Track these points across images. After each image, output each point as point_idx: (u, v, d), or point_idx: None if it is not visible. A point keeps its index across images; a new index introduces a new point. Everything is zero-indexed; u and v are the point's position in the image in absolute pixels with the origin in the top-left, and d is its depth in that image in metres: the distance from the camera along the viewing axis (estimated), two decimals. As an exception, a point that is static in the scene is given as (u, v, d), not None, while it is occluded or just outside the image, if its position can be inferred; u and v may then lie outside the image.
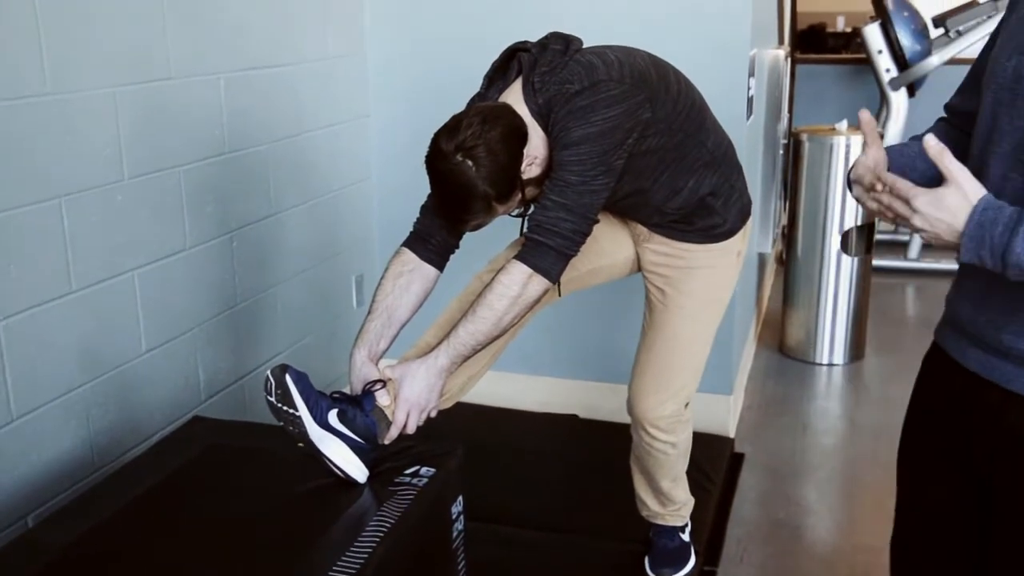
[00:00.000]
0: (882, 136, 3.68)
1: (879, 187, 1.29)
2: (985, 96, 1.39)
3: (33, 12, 1.94)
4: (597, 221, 1.86)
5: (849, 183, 1.49)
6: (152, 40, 2.28)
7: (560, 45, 1.89)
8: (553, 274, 1.81)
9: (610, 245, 2.21)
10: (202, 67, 2.46)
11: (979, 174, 1.35)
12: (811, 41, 6.79)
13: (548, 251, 1.79)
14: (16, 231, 1.94)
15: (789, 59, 4.76)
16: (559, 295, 2.10)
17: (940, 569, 1.62)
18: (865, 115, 1.53)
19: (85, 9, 2.07)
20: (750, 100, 3.10)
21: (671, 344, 2.20)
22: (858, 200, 1.50)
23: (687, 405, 2.26)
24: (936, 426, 1.57)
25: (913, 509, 1.64)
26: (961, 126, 1.51)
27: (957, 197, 1.21)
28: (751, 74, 3.07)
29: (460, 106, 1.90)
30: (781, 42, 4.47)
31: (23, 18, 1.92)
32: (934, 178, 1.35)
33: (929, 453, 1.60)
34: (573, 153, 1.80)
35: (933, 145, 1.23)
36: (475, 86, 1.99)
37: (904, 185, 1.24)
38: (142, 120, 2.26)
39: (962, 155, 1.47)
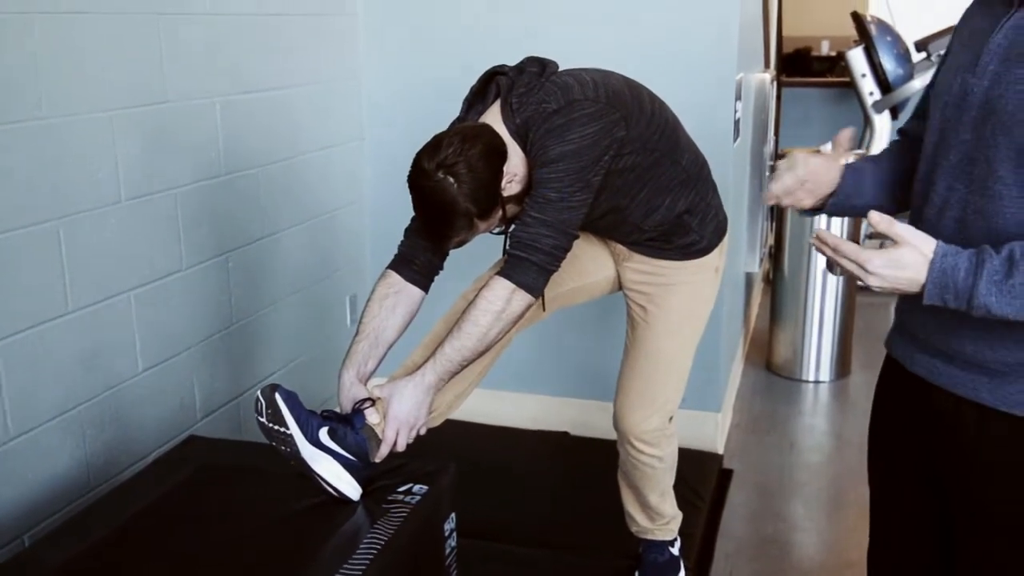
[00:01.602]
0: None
1: (825, 247, 1.32)
2: (933, 113, 1.43)
3: (31, 37, 1.95)
4: (577, 236, 1.87)
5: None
6: (149, 64, 2.29)
7: (536, 68, 1.91)
8: (536, 289, 1.82)
9: (591, 265, 2.22)
10: (199, 90, 2.47)
11: (927, 186, 1.41)
12: (796, 65, 6.83)
13: (530, 266, 1.80)
14: (13, 253, 1.95)
15: (775, 82, 4.80)
16: (544, 312, 2.11)
17: (911, 572, 1.63)
18: (847, 132, 1.60)
19: (82, 33, 2.08)
20: (737, 123, 3.12)
21: (653, 360, 2.21)
22: (773, 185, 1.60)
23: (671, 419, 2.26)
24: (892, 432, 1.61)
25: (881, 514, 1.67)
26: (911, 148, 1.55)
27: (914, 254, 1.26)
28: (738, 97, 3.09)
29: (451, 129, 1.91)
30: (767, 66, 4.50)
31: (20, 43, 1.93)
32: (884, 185, 1.42)
33: (889, 459, 1.62)
34: (551, 170, 1.81)
35: (878, 219, 1.28)
36: (465, 110, 2.01)
37: (851, 249, 1.29)
38: (139, 143, 2.27)
39: (911, 168, 1.52)
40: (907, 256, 1.26)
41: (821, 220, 3.95)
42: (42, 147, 2.00)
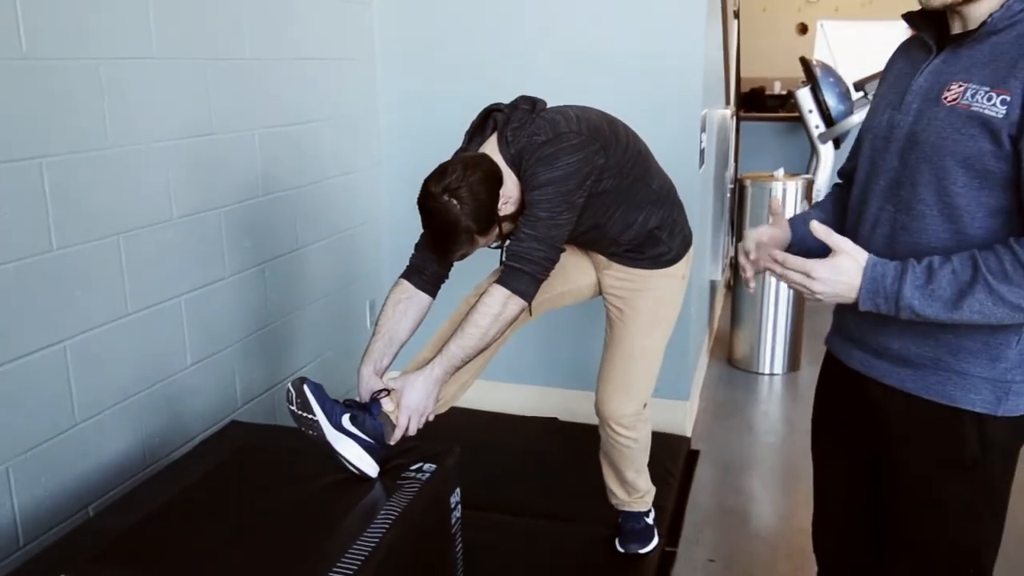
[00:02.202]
0: (811, 183, 3.71)
1: (775, 265, 1.34)
2: (864, 144, 1.45)
3: (97, 77, 1.95)
4: (563, 250, 1.88)
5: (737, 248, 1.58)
6: (198, 101, 2.29)
7: (528, 105, 1.92)
8: (528, 295, 1.82)
9: (576, 272, 2.23)
10: (241, 124, 2.47)
11: (861, 206, 1.42)
12: (753, 102, 6.84)
13: (523, 276, 1.80)
14: (81, 263, 1.95)
15: (734, 117, 4.81)
16: (531, 315, 2.11)
17: (847, 543, 1.63)
18: (776, 202, 1.62)
19: (142, 75, 2.08)
20: (702, 152, 3.12)
21: (629, 355, 2.21)
22: (739, 261, 1.61)
23: (645, 405, 2.27)
24: (831, 419, 1.61)
25: (822, 488, 1.67)
26: (850, 186, 1.56)
27: (849, 261, 1.28)
28: (703, 130, 3.10)
29: (457, 157, 1.91)
30: (728, 103, 4.51)
31: (89, 82, 1.93)
32: (830, 226, 1.43)
33: (829, 441, 1.63)
34: (541, 193, 1.81)
35: (819, 228, 1.31)
36: (470, 140, 2.01)
37: (797, 261, 1.31)
38: (189, 168, 2.27)
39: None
40: (844, 262, 1.28)
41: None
42: (107, 173, 2.00)
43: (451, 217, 1.76)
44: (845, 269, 1.28)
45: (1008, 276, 1.19)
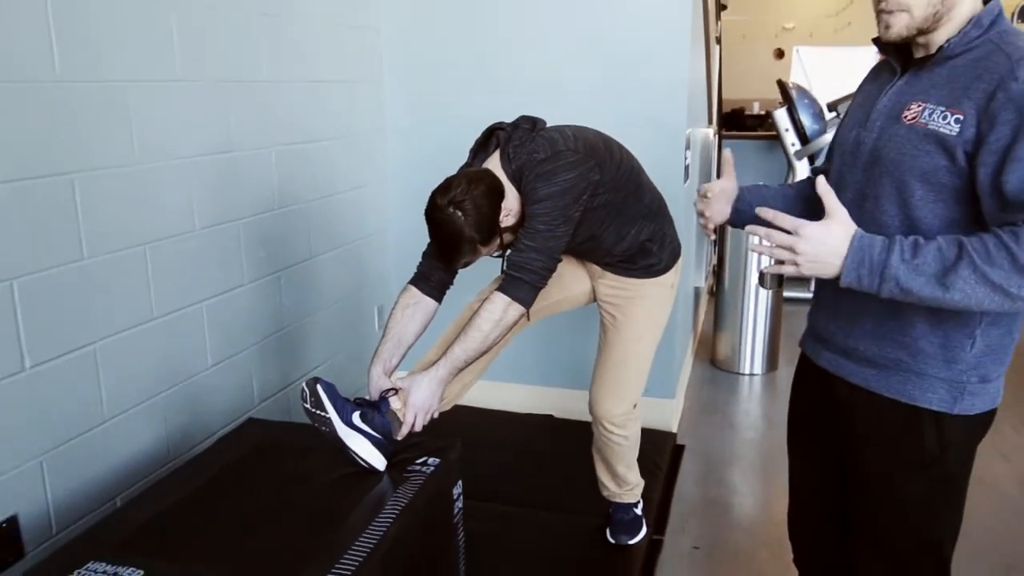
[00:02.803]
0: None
1: (761, 223, 1.26)
2: (834, 159, 1.45)
3: (125, 98, 1.96)
4: (560, 260, 1.88)
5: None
6: (219, 120, 2.30)
7: (528, 124, 1.92)
8: (527, 302, 1.82)
9: (572, 281, 2.22)
10: (258, 142, 2.48)
11: None
12: (733, 121, 6.86)
13: (523, 284, 1.80)
14: (110, 271, 1.95)
15: (716, 135, 4.82)
16: (529, 320, 2.11)
17: (818, 532, 1.63)
18: (727, 153, 1.61)
19: (168, 96, 2.09)
20: (687, 168, 3.13)
21: (621, 358, 2.21)
22: (697, 208, 1.61)
23: (635, 405, 2.26)
24: (805, 415, 1.61)
25: (796, 484, 1.67)
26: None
27: (840, 229, 1.22)
28: (687, 147, 3.10)
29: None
30: (710, 122, 4.52)
31: (118, 103, 1.94)
32: (786, 198, 1.47)
33: (802, 436, 1.63)
34: (540, 207, 1.81)
35: (822, 185, 1.24)
36: (472, 157, 2.01)
37: (788, 218, 1.23)
38: (210, 183, 2.27)
39: (813, 197, 1.52)
40: (836, 228, 1.22)
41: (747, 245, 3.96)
42: (134, 187, 2.00)
43: (456, 228, 1.76)
44: (835, 234, 1.21)
45: (991, 257, 1.15)
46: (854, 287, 1.22)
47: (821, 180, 1.26)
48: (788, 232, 1.22)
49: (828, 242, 1.21)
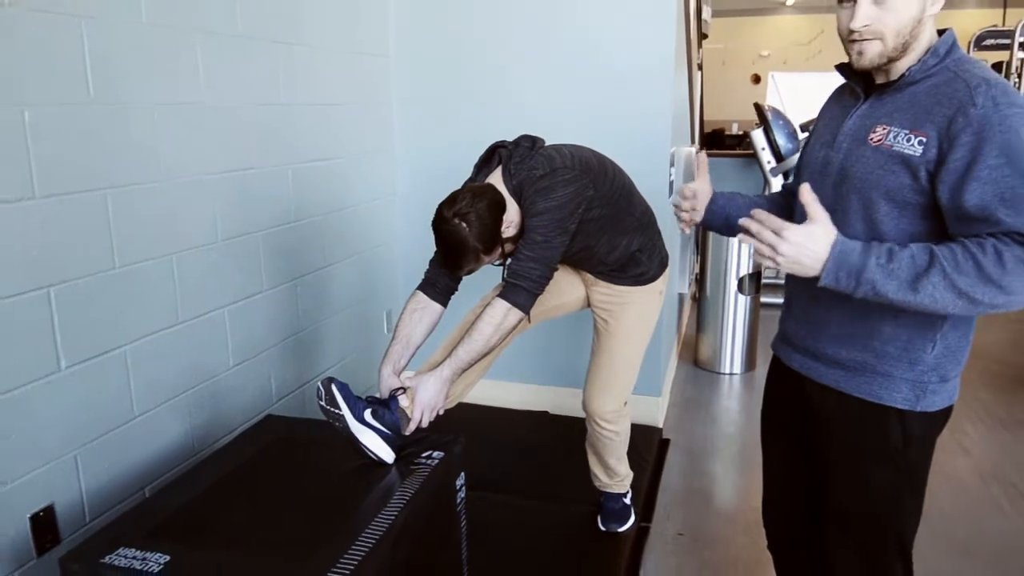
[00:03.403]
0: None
1: (752, 223, 1.24)
2: (803, 177, 1.45)
3: (153, 120, 1.96)
4: (557, 269, 1.88)
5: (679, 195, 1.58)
6: (240, 140, 2.30)
7: (528, 143, 1.92)
8: (526, 307, 1.82)
9: (567, 288, 2.23)
10: (276, 161, 2.48)
11: None
12: (714, 140, 6.89)
13: (522, 290, 1.80)
14: (140, 279, 1.95)
15: (698, 154, 4.81)
16: (528, 323, 2.11)
17: (790, 519, 1.64)
18: (702, 155, 1.62)
19: (193, 117, 2.09)
20: (671, 183, 3.14)
21: (612, 360, 2.21)
22: (674, 206, 1.61)
23: (625, 403, 2.26)
24: (777, 412, 1.62)
25: (769, 475, 1.68)
26: (788, 196, 1.58)
27: (822, 234, 1.21)
28: (671, 164, 3.11)
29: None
30: (692, 141, 4.54)
31: (147, 124, 1.94)
32: (757, 205, 1.44)
33: (775, 432, 1.63)
34: (539, 220, 1.82)
35: (807, 192, 1.23)
36: (476, 173, 2.01)
37: (775, 220, 1.22)
38: (232, 199, 2.28)
39: (785, 207, 1.54)
40: (818, 232, 1.21)
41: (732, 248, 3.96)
42: (162, 202, 2.01)
43: (460, 238, 1.76)
44: (817, 238, 1.20)
45: (960, 266, 1.15)
46: (831, 288, 1.22)
47: (806, 187, 1.24)
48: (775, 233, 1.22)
49: (809, 246, 1.20)
